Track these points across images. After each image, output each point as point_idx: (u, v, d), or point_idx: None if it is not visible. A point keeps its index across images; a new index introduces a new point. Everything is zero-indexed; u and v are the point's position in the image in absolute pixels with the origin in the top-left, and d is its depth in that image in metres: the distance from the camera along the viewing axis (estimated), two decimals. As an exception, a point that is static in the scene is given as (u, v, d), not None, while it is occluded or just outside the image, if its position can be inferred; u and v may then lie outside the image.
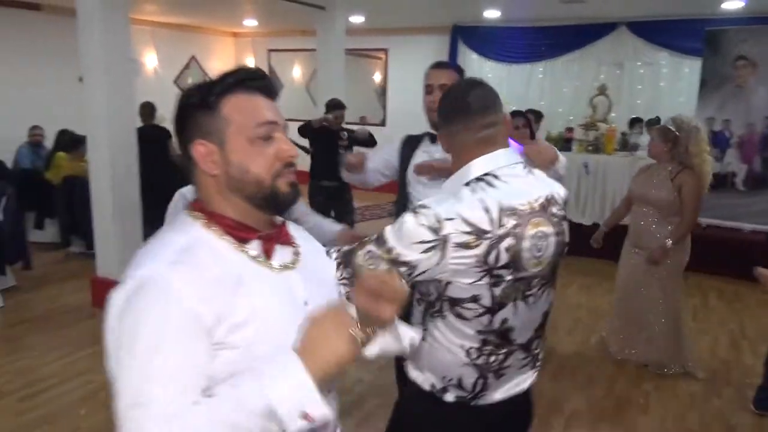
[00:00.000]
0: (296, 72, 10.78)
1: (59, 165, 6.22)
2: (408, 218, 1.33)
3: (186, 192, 2.16)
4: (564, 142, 6.98)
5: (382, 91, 10.11)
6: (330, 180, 5.10)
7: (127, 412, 0.90)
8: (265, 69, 10.74)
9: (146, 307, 0.94)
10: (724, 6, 6.56)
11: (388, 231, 1.36)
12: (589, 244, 3.92)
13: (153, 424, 0.88)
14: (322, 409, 0.94)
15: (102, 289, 4.52)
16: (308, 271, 1.15)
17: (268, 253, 1.08)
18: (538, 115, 6.12)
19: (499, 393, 1.47)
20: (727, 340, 4.45)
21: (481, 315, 1.37)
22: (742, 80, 6.19)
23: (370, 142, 5.33)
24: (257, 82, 1.08)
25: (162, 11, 8.70)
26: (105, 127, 4.41)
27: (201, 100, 1.05)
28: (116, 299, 0.97)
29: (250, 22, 9.76)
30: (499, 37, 8.58)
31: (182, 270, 0.96)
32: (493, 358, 1.42)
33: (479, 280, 1.33)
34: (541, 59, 8.39)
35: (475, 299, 1.35)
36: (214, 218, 1.06)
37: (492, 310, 1.37)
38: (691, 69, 7.31)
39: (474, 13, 7.91)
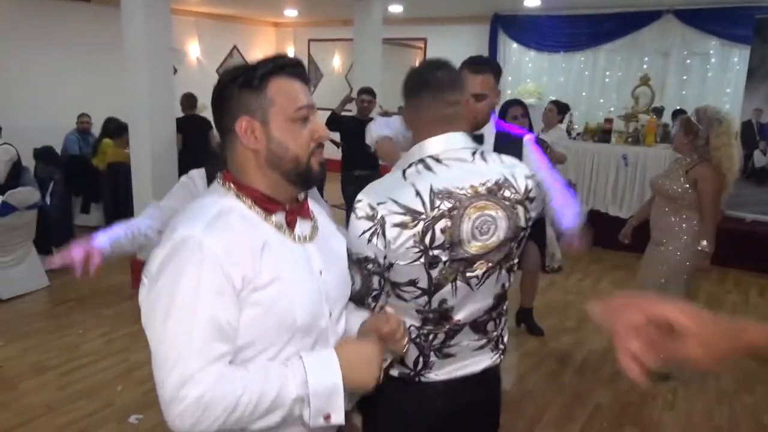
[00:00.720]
0: (336, 62, 10.84)
1: (104, 151, 6.44)
2: (351, 217, 1.40)
3: (197, 174, 2.18)
4: (602, 134, 6.86)
5: (421, 81, 10.08)
6: (362, 169, 5.16)
7: (168, 368, 1.00)
8: (305, 59, 10.94)
9: (183, 266, 1.04)
10: (776, -8, 6.30)
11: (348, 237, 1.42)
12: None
13: (195, 380, 0.99)
14: (340, 417, 1.10)
15: (141, 271, 4.69)
16: (323, 244, 1.25)
17: (290, 225, 1.19)
18: (562, 107, 6.02)
19: (446, 372, 1.50)
20: (765, 339, 4.32)
21: (418, 297, 1.42)
22: (793, 70, 5.96)
23: None
24: (295, 68, 1.18)
25: (205, 2, 8.88)
26: (146, 115, 4.57)
27: (246, 80, 1.13)
28: (155, 260, 1.08)
29: (291, 12, 9.86)
30: (539, 26, 8.43)
31: (215, 233, 1.06)
32: (432, 337, 1.46)
33: (416, 260, 1.37)
34: (583, 48, 8.20)
35: (413, 283, 1.40)
36: (244, 190, 1.16)
37: (429, 292, 1.41)
38: (739, 58, 7.05)
39: (514, 1, 7.80)
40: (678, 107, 7.14)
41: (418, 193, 1.36)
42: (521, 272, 4.20)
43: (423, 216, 1.35)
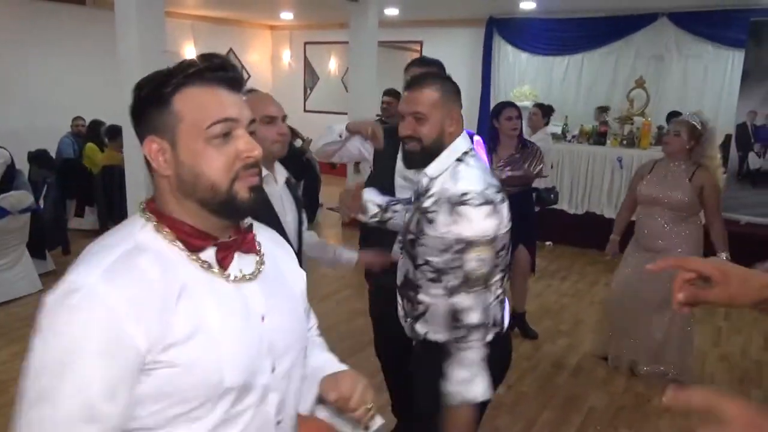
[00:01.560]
0: (332, 64, 10.84)
1: (89, 156, 6.44)
2: (466, 210, 1.58)
3: None
4: (598, 136, 6.87)
5: (417, 84, 10.08)
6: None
7: None
8: (301, 61, 10.95)
9: (63, 321, 0.85)
10: (770, -5, 6.32)
11: (462, 232, 1.57)
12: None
13: None
14: None
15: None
16: (272, 282, 1.04)
17: (223, 263, 0.97)
18: (547, 109, 6.04)
19: (506, 312, 1.80)
20: (761, 341, 4.33)
21: (505, 256, 1.72)
22: (787, 72, 5.97)
23: None
24: (219, 73, 0.95)
25: (201, 5, 8.87)
26: (139, 118, 4.55)
27: (153, 92, 0.94)
28: (45, 305, 0.88)
29: (287, 15, 9.85)
30: (534, 29, 8.43)
31: (116, 280, 0.87)
32: (501, 286, 1.75)
33: (508, 228, 1.67)
34: (578, 51, 8.20)
35: (505, 247, 1.69)
36: (165, 221, 0.96)
37: (508, 250, 1.72)
38: (733, 61, 7.06)
39: (510, 4, 7.80)
40: (672, 110, 7.14)
41: (489, 175, 1.70)
42: (512, 276, 4.17)
43: (501, 191, 1.67)
